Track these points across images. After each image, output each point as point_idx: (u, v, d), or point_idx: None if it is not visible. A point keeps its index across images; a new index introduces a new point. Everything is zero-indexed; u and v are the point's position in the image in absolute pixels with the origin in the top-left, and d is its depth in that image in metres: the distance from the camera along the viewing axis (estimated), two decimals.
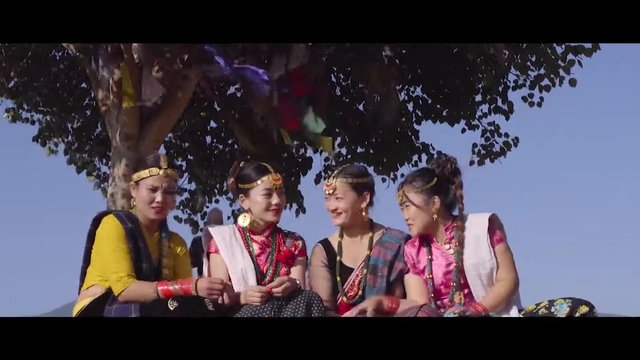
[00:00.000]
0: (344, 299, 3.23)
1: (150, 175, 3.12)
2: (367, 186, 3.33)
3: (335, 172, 3.35)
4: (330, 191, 3.29)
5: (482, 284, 3.06)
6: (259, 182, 3.27)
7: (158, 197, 3.11)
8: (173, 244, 3.23)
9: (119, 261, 2.92)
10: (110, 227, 3.00)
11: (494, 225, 3.12)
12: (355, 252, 3.32)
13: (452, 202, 3.20)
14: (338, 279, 3.26)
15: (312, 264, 3.35)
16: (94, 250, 3.05)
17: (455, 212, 3.22)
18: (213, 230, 3.37)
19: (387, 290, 3.21)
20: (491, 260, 3.05)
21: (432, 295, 3.11)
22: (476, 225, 3.11)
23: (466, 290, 3.08)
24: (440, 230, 3.17)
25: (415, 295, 3.17)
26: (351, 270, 3.28)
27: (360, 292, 3.22)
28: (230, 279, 3.20)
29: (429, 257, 3.15)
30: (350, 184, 3.28)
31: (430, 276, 3.12)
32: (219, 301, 2.92)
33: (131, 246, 2.99)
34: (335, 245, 3.34)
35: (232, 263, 3.23)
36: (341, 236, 3.36)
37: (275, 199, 3.27)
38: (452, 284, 3.08)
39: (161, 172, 3.13)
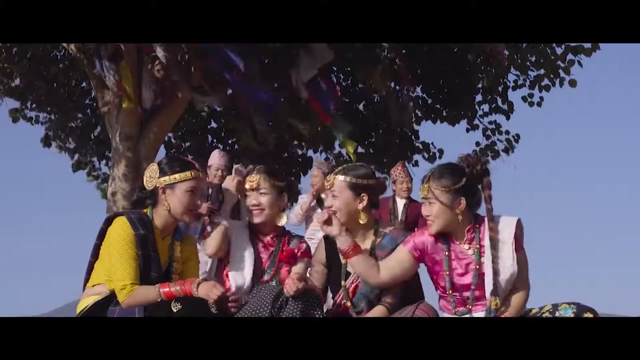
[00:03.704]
0: (346, 302, 3.18)
1: (193, 177, 3.04)
2: (367, 188, 3.20)
3: (338, 169, 3.26)
4: (328, 187, 3.22)
5: (500, 287, 2.94)
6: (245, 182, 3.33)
7: (198, 199, 3.05)
8: (184, 247, 3.17)
9: (125, 267, 2.87)
10: (121, 230, 2.93)
11: (519, 231, 3.00)
12: None
13: (476, 202, 3.04)
14: (343, 282, 3.21)
15: (313, 257, 3.35)
16: (103, 248, 3.00)
17: (478, 212, 3.07)
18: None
19: (378, 296, 3.15)
20: (513, 265, 2.95)
21: (451, 291, 3.00)
22: (504, 229, 2.99)
23: (477, 292, 2.97)
24: (461, 230, 3.03)
25: (386, 267, 3.04)
26: (350, 274, 3.22)
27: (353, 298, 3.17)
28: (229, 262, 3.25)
29: (446, 253, 3.02)
30: (348, 183, 3.18)
31: (447, 272, 3.00)
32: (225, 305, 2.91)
33: (140, 254, 2.92)
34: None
35: (235, 257, 3.25)
36: None
37: (250, 200, 3.29)
38: (471, 286, 2.97)
39: (201, 173, 3.08)
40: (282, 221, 3.37)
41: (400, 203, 6.57)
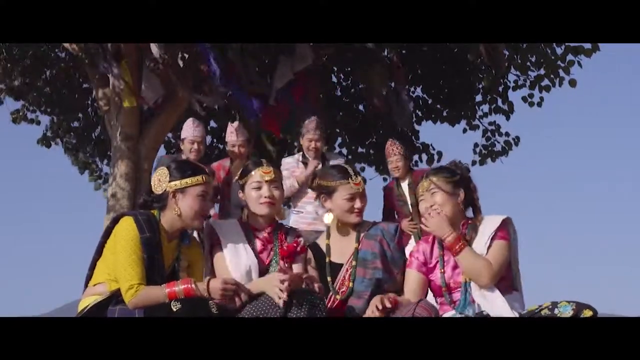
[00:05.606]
0: (337, 296, 3.19)
1: (204, 182, 3.05)
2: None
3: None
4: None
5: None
6: (250, 174, 3.27)
7: (207, 204, 3.05)
8: (190, 251, 3.16)
9: (133, 267, 2.86)
10: (129, 230, 2.92)
11: (504, 226, 3.10)
12: (344, 248, 3.27)
13: (468, 204, 3.21)
14: (329, 279, 3.22)
15: None
16: (107, 247, 3.00)
17: (470, 214, 3.22)
18: (216, 225, 3.31)
19: (378, 283, 3.17)
20: (482, 253, 3.05)
21: (445, 289, 3.11)
22: (488, 225, 3.12)
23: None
24: (457, 225, 3.15)
25: (410, 292, 3.16)
26: (341, 266, 3.24)
27: (350, 285, 3.18)
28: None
29: (441, 253, 3.16)
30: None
31: (443, 271, 3.13)
32: (237, 303, 2.88)
33: (145, 257, 2.91)
34: (323, 248, 3.30)
35: (235, 259, 3.18)
36: (328, 238, 3.32)
37: (265, 191, 3.23)
38: (464, 279, 3.08)
39: (210, 178, 3.08)
40: (284, 217, 3.36)
41: (405, 186, 5.88)
